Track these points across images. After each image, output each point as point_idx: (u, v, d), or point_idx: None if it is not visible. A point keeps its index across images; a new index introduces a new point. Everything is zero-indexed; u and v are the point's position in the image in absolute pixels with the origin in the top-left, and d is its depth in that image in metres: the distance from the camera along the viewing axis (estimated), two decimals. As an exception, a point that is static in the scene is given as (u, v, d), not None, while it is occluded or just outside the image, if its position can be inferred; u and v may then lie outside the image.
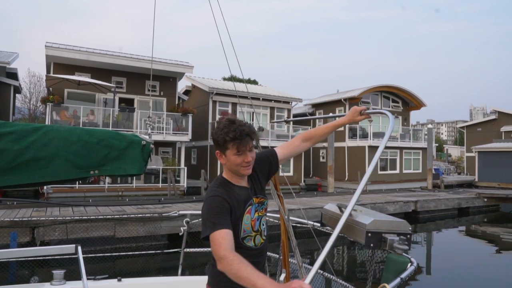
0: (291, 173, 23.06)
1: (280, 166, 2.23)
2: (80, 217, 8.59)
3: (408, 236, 1.73)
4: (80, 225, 8.60)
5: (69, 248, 2.95)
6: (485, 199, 17.21)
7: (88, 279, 2.84)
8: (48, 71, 18.50)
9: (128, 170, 2.69)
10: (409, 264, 1.62)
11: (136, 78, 19.34)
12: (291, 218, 2.41)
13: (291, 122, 24.48)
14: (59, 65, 17.76)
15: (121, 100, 19.13)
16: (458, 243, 12.16)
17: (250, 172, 1.97)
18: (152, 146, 2.86)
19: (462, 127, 43.24)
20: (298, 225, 2.74)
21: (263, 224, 2.02)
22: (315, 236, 2.54)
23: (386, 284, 1.36)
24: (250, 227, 1.93)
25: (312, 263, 2.61)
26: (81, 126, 16.25)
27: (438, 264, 9.53)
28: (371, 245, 1.71)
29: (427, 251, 11.26)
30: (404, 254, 1.68)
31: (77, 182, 15.89)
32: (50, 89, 17.83)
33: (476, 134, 38.66)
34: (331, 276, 2.53)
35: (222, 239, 1.70)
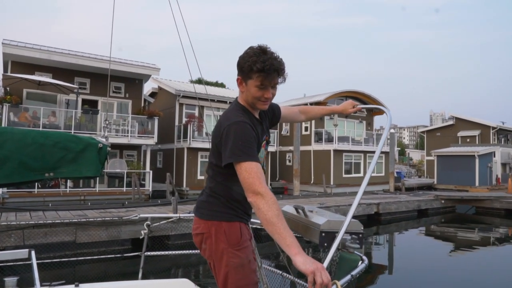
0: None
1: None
2: (37, 222, 8.27)
3: (360, 235, 1.80)
4: (38, 231, 8.28)
5: (21, 253, 2.83)
6: (443, 201, 17.95)
7: (43, 285, 2.75)
8: (5, 70, 17.71)
9: (84, 172, 2.64)
10: (360, 262, 1.69)
11: (100, 79, 18.85)
12: (252, 220, 2.45)
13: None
14: (17, 63, 17.05)
15: (84, 101, 18.60)
16: (418, 243, 12.60)
17: (266, 108, 1.88)
18: (109, 148, 2.83)
19: (423, 132, 45.00)
20: (259, 227, 2.78)
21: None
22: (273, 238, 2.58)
23: (336, 281, 1.41)
24: (263, 162, 1.87)
25: (271, 265, 2.65)
26: (41, 128, 15.66)
27: (400, 264, 9.84)
28: (325, 244, 1.77)
29: (389, 252, 11.60)
30: (356, 252, 1.75)
31: (36, 186, 15.30)
32: (7, 89, 17.07)
33: (435, 138, 40.31)
34: (289, 276, 2.59)
35: (260, 173, 1.60)
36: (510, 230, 15.09)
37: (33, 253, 2.73)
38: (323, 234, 1.76)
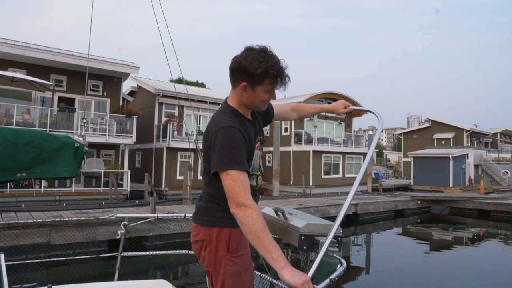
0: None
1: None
2: (8, 223, 8.00)
3: (339, 238, 1.80)
4: (9, 232, 8.01)
5: None
6: (418, 202, 18.34)
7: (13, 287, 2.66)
8: (-23, 66, 17.13)
9: (59, 173, 2.55)
10: (338, 265, 1.70)
11: (77, 76, 18.45)
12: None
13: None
14: (-10, 59, 16.53)
15: (61, 99, 18.16)
16: (395, 243, 12.82)
17: (265, 108, 1.84)
18: (86, 148, 2.74)
19: (400, 134, 45.91)
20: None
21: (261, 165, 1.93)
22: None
23: (315, 286, 1.41)
24: (258, 165, 1.85)
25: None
26: (14, 125, 15.21)
27: (377, 264, 9.99)
28: (304, 247, 1.76)
29: (366, 252, 11.75)
30: (334, 255, 1.75)
31: (8, 186, 14.83)
32: (-21, 85, 16.51)
33: (412, 140, 41.18)
34: (268, 277, 2.58)
35: (246, 183, 1.55)
36: (481, 230, 15.54)
37: (2, 256, 2.63)
38: (303, 237, 1.75)
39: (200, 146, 2.12)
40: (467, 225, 16.34)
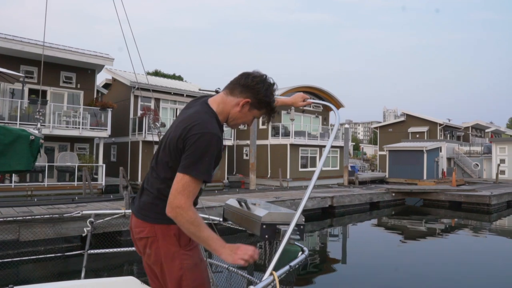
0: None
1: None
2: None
3: (302, 227, 1.80)
4: (-24, 228, 7.75)
5: None
6: (393, 194, 18.72)
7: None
8: None
9: (13, 166, 2.46)
10: (300, 253, 1.70)
11: (49, 68, 17.93)
12: (203, 216, 2.40)
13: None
14: (-46, 49, 15.86)
15: (32, 91, 17.63)
16: (370, 234, 13.06)
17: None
18: (42, 141, 2.65)
19: (376, 128, 46.66)
20: (213, 222, 2.74)
21: None
22: (216, 230, 2.55)
23: (274, 272, 1.41)
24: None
25: (210, 257, 2.62)
26: (-19, 118, 14.69)
27: (353, 255, 10.16)
28: (266, 236, 1.76)
29: (342, 243, 11.93)
30: (296, 243, 1.75)
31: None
32: None
33: (388, 134, 41.94)
34: (233, 269, 2.57)
35: (193, 193, 1.60)
36: (453, 221, 16.00)
37: None
38: (264, 226, 1.75)
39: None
40: (439, 216, 16.80)
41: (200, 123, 1.65)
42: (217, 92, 2.15)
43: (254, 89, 1.76)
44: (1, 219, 8.13)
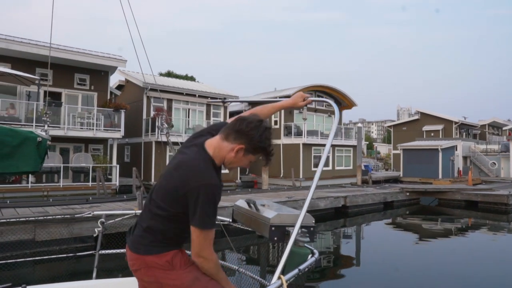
0: (227, 171, 23.06)
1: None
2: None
3: (312, 228, 1.76)
4: (-6, 229, 7.88)
5: None
6: (407, 193, 18.48)
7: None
8: (-41, 60, 16.78)
9: (21, 167, 2.48)
10: (310, 256, 1.66)
11: (64, 70, 18.19)
12: (219, 218, 2.38)
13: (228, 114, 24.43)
14: (-28, 53, 16.19)
15: (47, 93, 17.89)
16: (384, 234, 12.91)
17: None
18: (49, 142, 2.67)
19: (390, 126, 46.17)
20: (225, 223, 2.72)
21: None
22: (225, 233, 2.53)
23: (282, 276, 1.37)
24: None
25: (224, 259, 2.59)
26: (-1, 121, 14.97)
27: (367, 255, 10.05)
28: (275, 238, 1.73)
29: (356, 244, 11.81)
30: (306, 246, 1.71)
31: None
32: (-38, 79, 16.18)
33: (401, 132, 41.46)
34: (244, 270, 2.54)
35: (213, 237, 1.72)
36: (470, 220, 15.72)
37: None
38: (273, 228, 1.71)
39: (172, 139, 2.08)
40: (455, 216, 16.52)
41: (198, 173, 1.69)
42: (223, 102, 2.17)
43: (248, 136, 1.77)
44: (18, 219, 8.28)
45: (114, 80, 25.29)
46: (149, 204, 1.85)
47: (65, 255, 4.18)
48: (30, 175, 15.61)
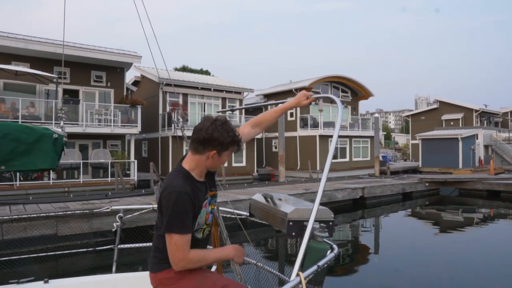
0: (244, 164, 23.11)
1: (233, 155, 2.25)
2: (12, 216, 8.05)
3: (330, 223, 1.72)
4: (18, 225, 8.08)
5: None
6: (427, 184, 18.17)
7: (10, 283, 2.64)
8: (-20, 60, 17.17)
9: (38, 164, 2.50)
10: (329, 251, 1.62)
11: (80, 68, 18.44)
12: (221, 209, 2.36)
13: (243, 112, 24.45)
14: (-8, 53, 16.54)
15: (65, 91, 18.18)
16: (403, 225, 12.75)
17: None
18: (65, 139, 2.67)
19: (408, 116, 45.38)
20: (229, 216, 2.71)
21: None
22: (242, 227, 2.50)
23: (300, 273, 1.34)
24: (204, 220, 1.97)
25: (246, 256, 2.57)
26: (20, 119, 15.31)
27: (386, 246, 9.94)
28: (293, 233, 1.69)
29: (374, 235, 11.70)
30: (325, 240, 1.67)
31: (17, 179, 15.00)
32: (-17, 79, 16.58)
33: (420, 122, 40.72)
34: (262, 265, 2.52)
35: (186, 245, 1.80)
36: (492, 210, 15.38)
37: None
38: (291, 223, 1.68)
39: (187, 133, 2.13)
40: (477, 206, 16.18)
41: (167, 185, 1.84)
42: (232, 110, 2.30)
43: (212, 140, 1.87)
44: (40, 215, 8.47)
45: (130, 76, 25.55)
46: (155, 227, 1.99)
47: (85, 250, 4.25)
48: (51, 172, 15.98)
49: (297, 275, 1.33)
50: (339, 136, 25.04)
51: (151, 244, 2.01)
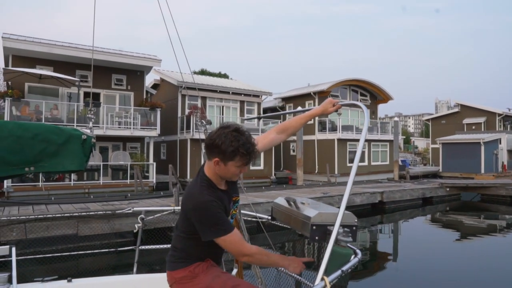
0: (261, 167, 23.10)
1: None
2: (37, 216, 8.26)
3: (354, 228, 1.71)
4: (40, 224, 8.28)
5: (2, 250, 2.76)
6: (447, 189, 17.81)
7: (34, 280, 2.70)
8: (6, 64, 17.68)
9: (67, 166, 2.54)
10: (352, 256, 1.61)
11: (101, 71, 18.78)
12: (242, 212, 2.37)
13: (262, 107, 24.47)
14: (18, 57, 17.00)
15: (87, 94, 18.55)
16: (423, 231, 12.53)
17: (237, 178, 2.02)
18: (93, 140, 2.71)
19: (428, 120, 44.63)
20: (250, 219, 2.71)
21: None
22: (264, 230, 2.50)
23: (325, 277, 1.33)
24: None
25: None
26: (43, 121, 15.69)
27: (405, 252, 9.79)
28: (316, 238, 1.69)
29: (393, 240, 11.54)
30: (348, 245, 1.66)
31: (40, 180, 15.35)
32: (9, 83, 17.05)
33: (440, 126, 39.97)
34: (282, 268, 2.51)
35: (241, 238, 1.87)
36: (516, 217, 14.95)
37: (13, 250, 2.67)
38: (314, 227, 1.67)
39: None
40: (500, 212, 15.76)
41: (191, 195, 1.89)
42: (259, 118, 2.26)
43: (214, 146, 1.85)
44: (62, 215, 8.66)
45: (149, 79, 25.89)
46: (175, 228, 2.07)
47: (107, 250, 4.32)
48: (72, 173, 16.31)
49: (322, 279, 1.32)
50: (357, 140, 24.95)
51: (170, 245, 2.05)
